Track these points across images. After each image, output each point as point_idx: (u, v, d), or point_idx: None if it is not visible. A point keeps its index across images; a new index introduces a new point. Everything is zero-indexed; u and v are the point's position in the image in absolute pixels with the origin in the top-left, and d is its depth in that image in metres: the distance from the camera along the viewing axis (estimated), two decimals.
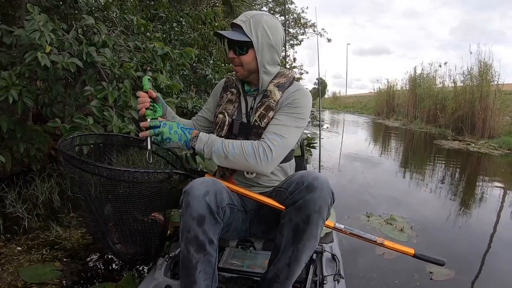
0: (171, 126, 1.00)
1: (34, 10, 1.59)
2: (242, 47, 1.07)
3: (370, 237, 1.12)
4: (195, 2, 4.87)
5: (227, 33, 1.06)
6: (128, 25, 2.46)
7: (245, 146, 0.98)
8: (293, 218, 0.90)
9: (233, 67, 1.13)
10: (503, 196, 3.43)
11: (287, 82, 1.12)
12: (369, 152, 6.02)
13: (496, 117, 7.99)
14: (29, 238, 1.79)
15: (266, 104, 1.09)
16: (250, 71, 1.10)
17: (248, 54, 1.07)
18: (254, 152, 0.97)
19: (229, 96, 1.18)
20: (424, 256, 1.11)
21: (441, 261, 1.11)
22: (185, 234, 0.88)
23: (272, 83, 1.12)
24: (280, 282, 0.97)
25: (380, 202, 2.92)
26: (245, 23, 1.05)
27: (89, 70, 1.84)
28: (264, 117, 1.08)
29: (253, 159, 0.97)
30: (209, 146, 0.99)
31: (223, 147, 0.99)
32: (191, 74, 3.28)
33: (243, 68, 1.09)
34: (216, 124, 1.17)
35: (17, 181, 2.21)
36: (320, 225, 0.90)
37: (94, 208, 1.15)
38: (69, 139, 1.17)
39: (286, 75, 1.14)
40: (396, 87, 14.34)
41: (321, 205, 0.86)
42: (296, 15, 13.90)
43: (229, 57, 1.12)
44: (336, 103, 27.42)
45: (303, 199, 0.87)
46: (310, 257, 0.99)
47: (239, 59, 1.08)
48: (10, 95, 1.60)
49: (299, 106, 1.06)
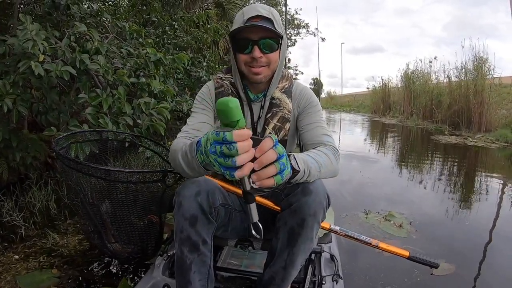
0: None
1: (26, 19, 1.60)
2: (275, 43, 0.95)
3: (365, 239, 1.13)
4: (188, 5, 4.89)
5: (269, 25, 0.92)
6: (120, 31, 2.47)
7: (324, 152, 0.90)
8: (288, 221, 0.89)
9: (252, 69, 0.97)
10: (502, 190, 3.44)
11: (290, 85, 1.09)
12: (366, 149, 6.04)
13: (493, 111, 8.03)
14: (26, 246, 1.79)
15: (280, 116, 1.04)
16: (273, 71, 1.01)
17: (277, 51, 0.97)
18: (333, 156, 0.92)
19: None
20: (418, 258, 1.13)
21: (435, 264, 1.12)
22: (178, 234, 0.87)
23: (278, 89, 1.06)
24: (276, 284, 0.96)
25: (379, 199, 2.93)
26: (271, 16, 0.95)
27: (82, 78, 1.85)
28: (280, 130, 1.04)
29: (336, 163, 0.92)
30: (306, 164, 0.80)
31: (312, 159, 0.83)
32: (185, 77, 3.29)
33: (269, 68, 0.98)
34: None
35: (14, 190, 2.21)
36: (316, 228, 0.89)
37: (89, 208, 1.16)
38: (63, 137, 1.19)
39: (287, 77, 1.10)
40: (391, 84, 14.42)
41: (316, 209, 0.85)
42: (290, 16, 13.99)
43: (251, 58, 0.95)
44: (332, 103, 27.46)
45: (298, 202, 0.85)
46: (306, 259, 0.99)
47: (267, 58, 0.96)
48: (5, 104, 1.61)
49: (315, 104, 1.07)
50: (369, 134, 9.29)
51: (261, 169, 0.61)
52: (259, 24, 0.91)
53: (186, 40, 3.38)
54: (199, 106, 1.07)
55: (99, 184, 1.10)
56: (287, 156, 0.66)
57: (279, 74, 1.05)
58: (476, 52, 8.59)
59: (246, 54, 0.96)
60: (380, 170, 4.31)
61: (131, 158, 2.69)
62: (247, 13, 0.96)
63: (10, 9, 2.47)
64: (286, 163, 0.65)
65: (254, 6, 0.96)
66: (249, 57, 0.95)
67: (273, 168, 0.62)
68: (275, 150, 0.61)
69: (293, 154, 0.78)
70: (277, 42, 0.95)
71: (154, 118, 1.94)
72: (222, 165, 0.61)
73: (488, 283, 1.64)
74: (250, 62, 0.96)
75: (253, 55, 0.94)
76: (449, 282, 1.63)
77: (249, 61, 0.96)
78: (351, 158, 5.05)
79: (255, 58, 0.94)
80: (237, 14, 1.02)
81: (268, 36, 0.93)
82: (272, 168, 0.62)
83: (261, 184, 0.62)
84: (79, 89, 1.88)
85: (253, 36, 0.93)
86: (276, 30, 0.92)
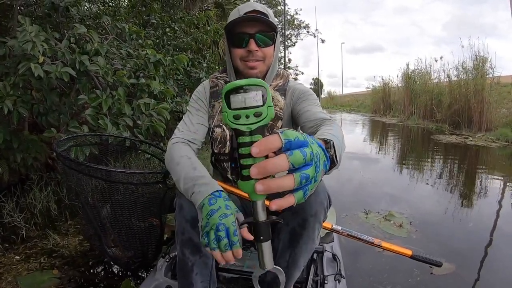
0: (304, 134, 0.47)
1: (25, 21, 1.61)
2: (270, 37, 0.96)
3: (367, 239, 1.13)
4: (188, 6, 4.89)
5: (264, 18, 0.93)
6: (120, 33, 2.48)
7: (335, 128, 0.78)
8: (290, 222, 0.88)
9: (248, 63, 0.98)
10: (502, 189, 3.44)
11: (285, 83, 1.08)
12: (367, 149, 6.03)
13: (493, 110, 8.01)
14: (27, 247, 1.79)
15: None
16: (268, 67, 1.01)
17: (272, 46, 0.98)
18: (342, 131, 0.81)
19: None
20: (421, 257, 1.12)
21: (438, 263, 1.12)
22: (180, 236, 0.87)
23: (271, 86, 1.06)
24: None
25: (379, 199, 2.93)
26: (266, 12, 0.96)
27: (82, 79, 1.86)
28: (272, 128, 1.03)
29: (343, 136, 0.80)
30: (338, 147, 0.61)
31: (337, 139, 0.64)
32: (185, 78, 3.30)
33: (264, 63, 0.99)
34: (215, 140, 1.04)
35: (15, 191, 2.21)
36: (317, 228, 0.89)
37: (90, 211, 1.16)
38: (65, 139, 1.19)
39: (282, 75, 1.10)
40: (391, 84, 14.41)
41: (317, 209, 0.84)
42: (290, 16, 13.99)
43: (247, 52, 0.96)
44: (332, 103, 27.45)
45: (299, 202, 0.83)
46: (308, 259, 0.98)
47: (263, 52, 0.97)
48: (5, 105, 1.61)
49: (310, 93, 1.05)
50: (370, 133, 9.29)
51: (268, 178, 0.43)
52: (256, 15, 0.92)
53: (186, 41, 3.39)
54: (194, 105, 1.08)
55: (100, 186, 1.11)
56: (318, 164, 0.45)
57: (273, 71, 1.05)
58: (476, 51, 8.59)
59: (242, 49, 0.97)
60: (380, 170, 4.31)
61: (131, 159, 2.69)
62: (242, 9, 0.97)
63: (10, 11, 2.48)
64: (315, 175, 0.44)
65: (249, 3, 0.98)
66: (245, 51, 0.96)
67: (290, 180, 0.42)
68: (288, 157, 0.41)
69: (333, 140, 0.58)
70: (272, 37, 0.96)
71: (154, 119, 1.95)
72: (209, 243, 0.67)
73: (488, 283, 1.64)
74: (246, 56, 0.97)
75: (249, 48, 0.95)
76: (449, 281, 1.63)
77: (245, 55, 0.97)
78: (351, 157, 5.04)
79: (251, 51, 0.95)
80: (231, 12, 1.03)
81: (264, 30, 0.94)
82: (288, 180, 0.42)
83: (277, 208, 0.45)
84: (79, 90, 1.89)
85: (249, 30, 0.94)
86: (271, 22, 0.93)
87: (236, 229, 0.66)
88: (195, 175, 0.82)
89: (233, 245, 0.65)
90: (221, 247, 0.66)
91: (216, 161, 1.10)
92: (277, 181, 0.42)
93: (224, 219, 0.68)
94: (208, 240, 0.68)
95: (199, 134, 1.03)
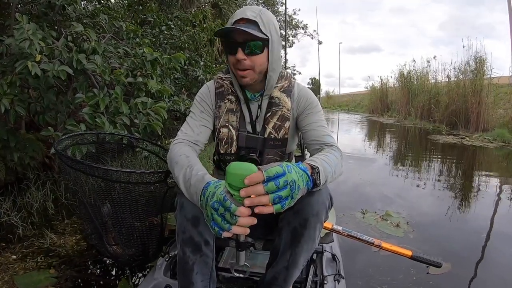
0: (289, 166, 0.69)
1: (23, 19, 1.60)
2: (259, 46, 0.94)
3: (367, 239, 1.13)
4: (185, 5, 4.89)
5: (247, 28, 0.90)
6: (117, 31, 2.47)
7: (335, 156, 0.89)
8: (291, 221, 0.88)
9: (238, 72, 0.97)
10: (499, 189, 3.46)
11: (290, 85, 1.09)
12: (364, 148, 6.05)
13: (490, 111, 8.06)
14: (24, 246, 1.79)
15: (279, 114, 1.04)
16: (261, 73, 1.00)
17: (263, 54, 0.96)
18: (341, 158, 0.92)
19: (228, 105, 1.05)
20: (421, 258, 1.12)
21: (438, 263, 1.12)
22: (181, 235, 0.87)
23: (277, 88, 1.06)
24: (279, 284, 0.95)
25: (376, 199, 2.94)
26: (258, 18, 0.94)
27: (80, 77, 1.85)
28: (280, 128, 1.04)
29: (342, 165, 0.92)
30: (326, 177, 0.80)
31: (329, 167, 0.83)
32: (182, 77, 3.29)
33: (255, 71, 0.98)
34: (221, 140, 1.05)
35: (12, 190, 2.20)
36: (318, 228, 0.88)
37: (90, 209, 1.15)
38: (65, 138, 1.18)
39: (286, 76, 1.10)
40: (389, 84, 14.45)
41: (319, 209, 0.84)
42: (288, 17, 13.99)
43: (236, 60, 0.95)
44: (330, 102, 27.49)
45: (301, 202, 0.82)
46: (308, 259, 0.98)
47: (251, 60, 0.95)
48: (2, 104, 1.61)
49: (315, 105, 1.07)
50: (367, 133, 9.32)
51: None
52: (238, 28, 0.90)
53: (183, 40, 3.38)
54: (199, 107, 1.07)
55: (99, 185, 1.10)
56: (293, 187, 0.66)
57: (276, 74, 1.04)
58: (474, 52, 8.64)
59: (232, 56, 0.96)
60: (378, 170, 4.33)
61: (128, 158, 2.68)
62: (235, 16, 0.96)
63: (8, 9, 2.46)
64: (290, 194, 0.66)
65: (243, 9, 0.96)
66: (235, 59, 0.95)
67: (265, 198, 0.64)
68: (264, 187, 0.64)
69: (319, 168, 0.76)
70: (260, 46, 0.94)
71: (151, 118, 1.94)
72: (216, 222, 0.68)
73: (484, 282, 1.65)
74: (236, 63, 0.96)
75: (237, 57, 0.94)
76: (445, 280, 1.64)
77: (235, 63, 0.97)
78: (348, 157, 5.06)
79: (239, 60, 0.95)
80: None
81: (252, 39, 0.92)
82: (264, 198, 0.64)
83: (258, 211, 0.65)
84: (76, 89, 1.88)
85: (238, 38, 0.93)
86: (256, 34, 0.91)
87: (225, 196, 0.67)
88: (192, 174, 0.83)
89: (232, 209, 0.66)
90: (230, 220, 0.67)
91: (221, 161, 1.10)
92: (258, 198, 0.64)
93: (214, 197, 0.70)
94: (219, 225, 0.68)
95: (201, 136, 1.03)
